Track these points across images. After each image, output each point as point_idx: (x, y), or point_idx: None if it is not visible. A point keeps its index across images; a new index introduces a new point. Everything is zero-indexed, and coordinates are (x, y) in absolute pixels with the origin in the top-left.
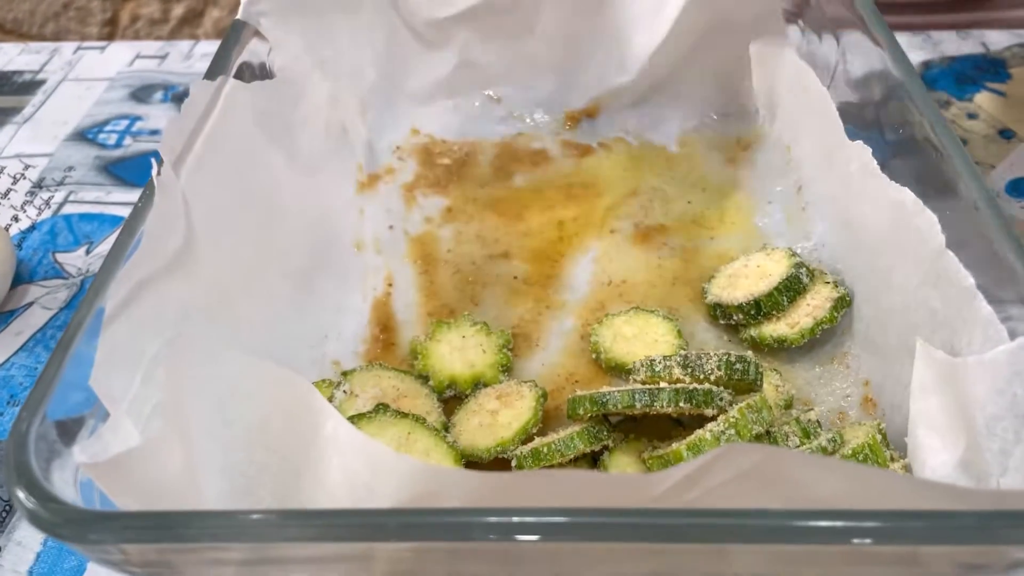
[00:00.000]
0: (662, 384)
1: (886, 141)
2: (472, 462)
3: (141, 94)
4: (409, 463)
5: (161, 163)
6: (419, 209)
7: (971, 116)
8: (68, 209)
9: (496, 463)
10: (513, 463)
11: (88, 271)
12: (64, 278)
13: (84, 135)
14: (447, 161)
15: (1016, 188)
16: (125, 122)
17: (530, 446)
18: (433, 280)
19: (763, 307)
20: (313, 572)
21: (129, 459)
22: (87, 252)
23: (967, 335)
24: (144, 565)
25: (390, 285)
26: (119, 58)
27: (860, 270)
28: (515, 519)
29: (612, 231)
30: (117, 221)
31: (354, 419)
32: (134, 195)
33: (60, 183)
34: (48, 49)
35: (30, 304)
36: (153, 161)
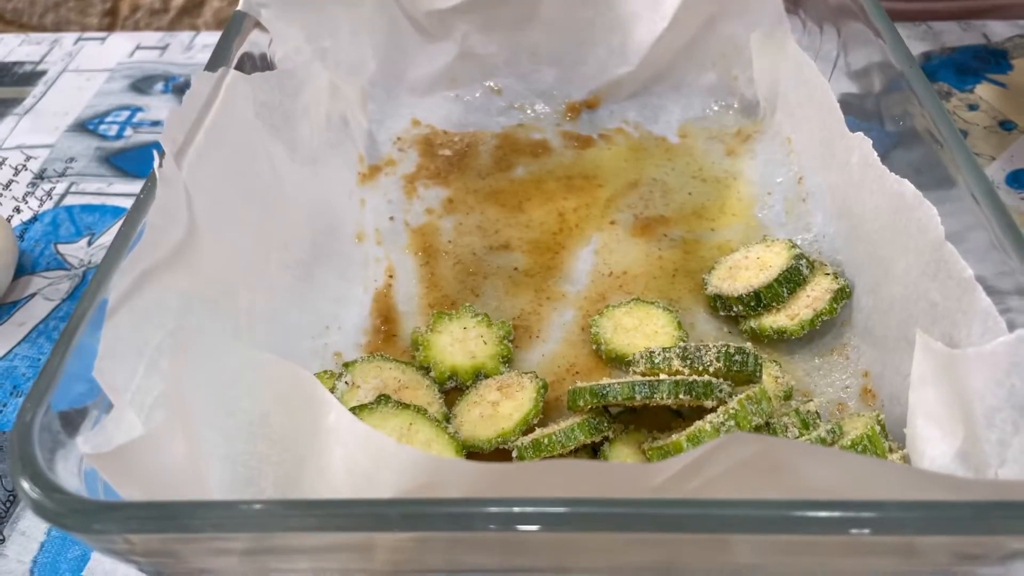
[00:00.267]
0: (662, 376)
1: (886, 132)
2: (473, 453)
3: (142, 85)
4: (411, 454)
5: (163, 155)
6: (420, 200)
7: (972, 107)
8: (70, 200)
9: (497, 454)
10: (514, 454)
11: (90, 262)
12: (66, 269)
13: (85, 126)
14: (448, 152)
15: (1016, 179)
16: (126, 113)
17: (531, 437)
18: (434, 271)
19: (763, 298)
20: (315, 561)
21: (133, 450)
22: (89, 243)
23: (966, 327)
24: (148, 555)
25: (391, 276)
26: (120, 49)
27: (860, 261)
28: (516, 509)
29: (612, 222)
30: (118, 212)
31: (356, 410)
32: (135, 186)
33: (61, 174)
34: (49, 40)
35: (32, 295)
36: (155, 153)
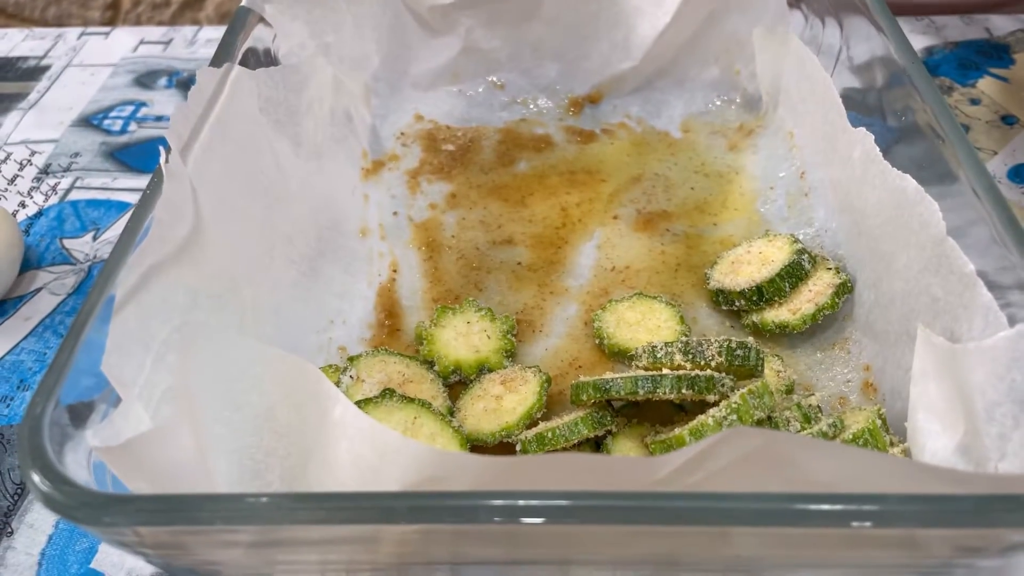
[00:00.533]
0: (664, 371)
1: (888, 127)
2: (477, 446)
3: (145, 80)
4: (416, 447)
5: (169, 150)
6: (423, 195)
7: (974, 102)
8: (75, 195)
9: (501, 447)
10: (518, 447)
11: (95, 257)
12: (72, 264)
13: (89, 121)
14: (451, 147)
15: (1018, 174)
16: (130, 108)
17: (534, 431)
18: (437, 266)
19: (765, 293)
20: (322, 554)
21: (141, 443)
22: (94, 238)
23: (967, 321)
24: (156, 547)
25: (395, 271)
26: (123, 44)
27: (862, 256)
28: (520, 502)
29: (615, 217)
30: (123, 207)
31: (361, 404)
32: (140, 181)
33: (66, 169)
34: (52, 35)
35: (38, 290)
36: (161, 148)
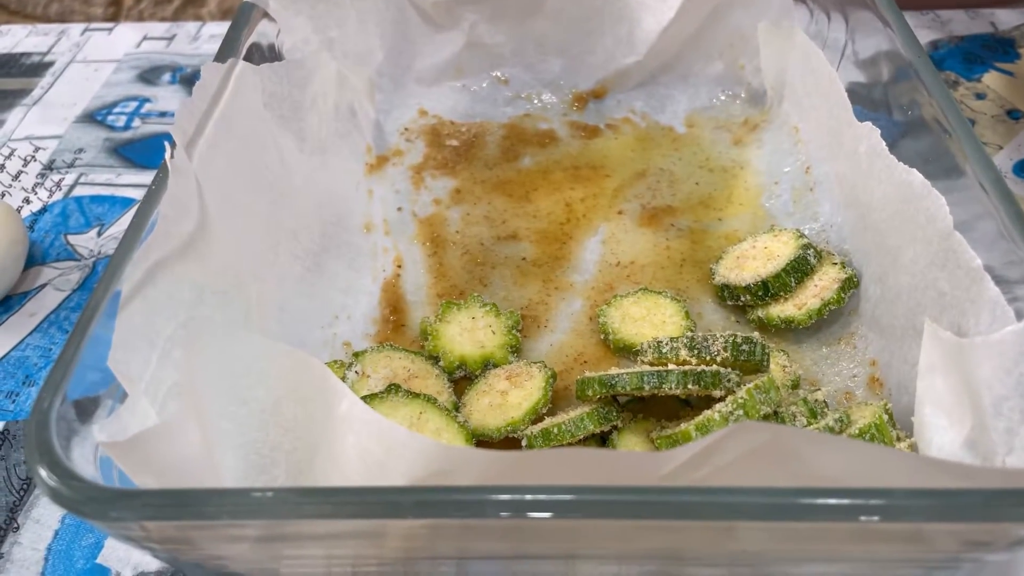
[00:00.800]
0: (670, 366)
1: (894, 121)
2: (482, 442)
3: (149, 75)
4: (422, 441)
5: (174, 146)
6: (427, 191)
7: (979, 96)
8: (79, 191)
9: (506, 443)
10: (523, 443)
11: (100, 253)
12: (76, 260)
13: (93, 117)
14: (455, 142)
15: None
16: (134, 104)
17: (540, 426)
18: (442, 261)
19: (771, 288)
20: (328, 549)
21: (147, 438)
22: (98, 234)
23: (974, 316)
24: (163, 541)
25: (399, 266)
26: (127, 39)
27: (868, 251)
28: (527, 497)
29: (620, 212)
30: (128, 203)
31: (366, 399)
32: (144, 177)
33: (70, 165)
34: (56, 31)
35: (43, 286)
36: (166, 144)
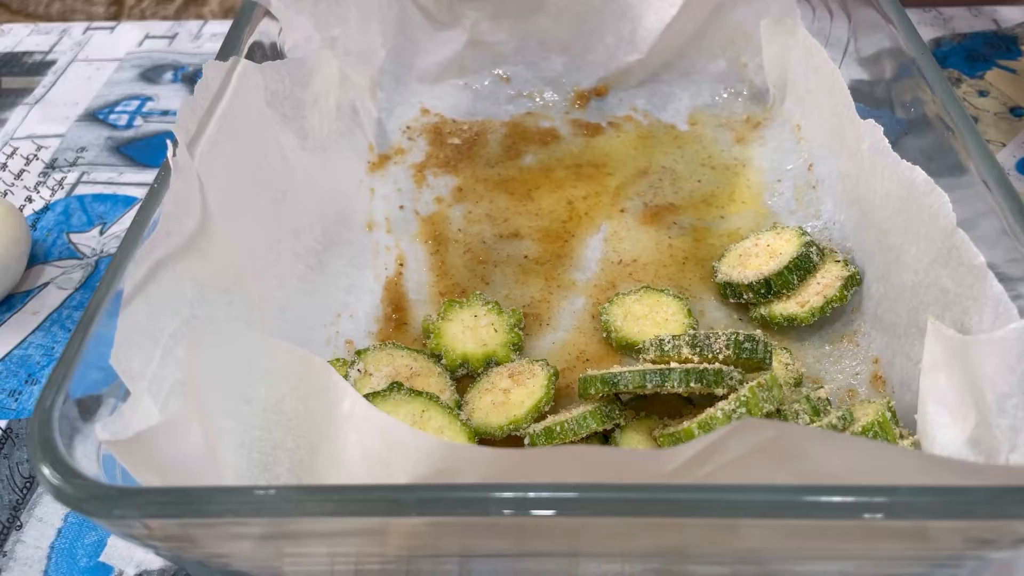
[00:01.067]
0: (672, 364)
1: (897, 119)
2: (485, 439)
3: (151, 74)
4: (425, 440)
5: (176, 144)
6: (429, 189)
7: (982, 93)
8: (81, 190)
9: (509, 440)
10: (526, 441)
11: (102, 251)
12: (78, 258)
13: (95, 116)
14: (457, 141)
15: None
16: (135, 102)
17: (543, 424)
18: (444, 260)
19: (773, 286)
20: (331, 546)
21: (150, 437)
22: (101, 232)
23: (977, 313)
24: (166, 539)
25: (401, 265)
26: (128, 38)
27: (870, 248)
28: (530, 494)
29: (622, 210)
30: (130, 201)
31: (369, 397)
32: (146, 175)
33: (73, 164)
34: (58, 30)
35: (45, 284)
36: (168, 143)
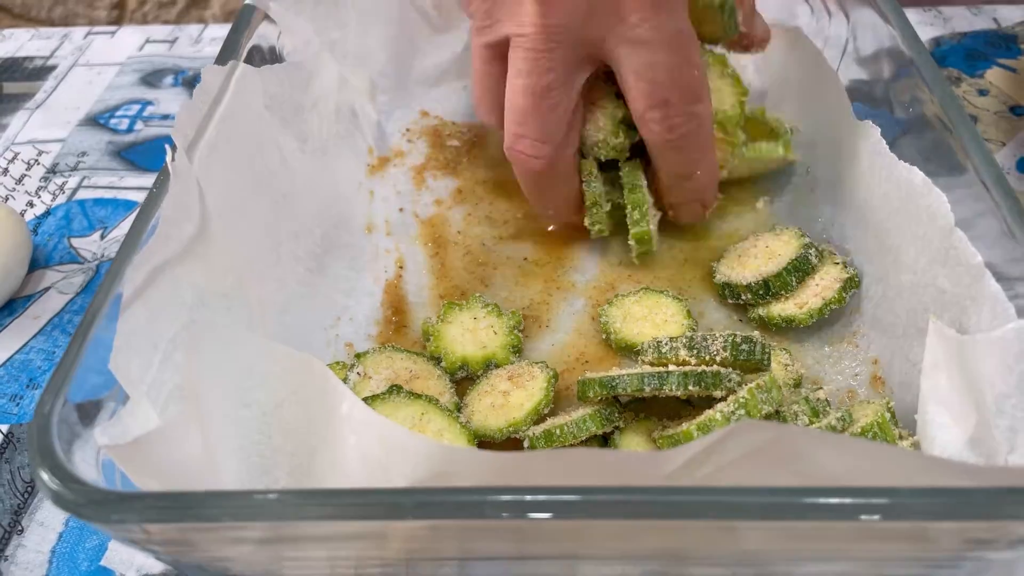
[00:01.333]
0: (670, 367)
1: (896, 119)
2: (484, 442)
3: (151, 79)
4: (424, 443)
5: (175, 149)
6: (429, 191)
7: (982, 93)
8: (82, 194)
9: (508, 443)
10: (525, 443)
11: (103, 256)
12: (80, 263)
13: (96, 120)
14: (456, 143)
15: None
16: (136, 107)
17: (542, 427)
18: (444, 262)
19: (772, 287)
20: (331, 550)
21: (149, 441)
22: (102, 237)
23: (975, 313)
24: (165, 544)
25: (401, 267)
26: (129, 43)
27: (869, 250)
28: (529, 497)
29: None
30: (131, 206)
31: (368, 400)
32: (147, 180)
33: (74, 168)
34: (58, 35)
35: (47, 289)
36: (167, 147)
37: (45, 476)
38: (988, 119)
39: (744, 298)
